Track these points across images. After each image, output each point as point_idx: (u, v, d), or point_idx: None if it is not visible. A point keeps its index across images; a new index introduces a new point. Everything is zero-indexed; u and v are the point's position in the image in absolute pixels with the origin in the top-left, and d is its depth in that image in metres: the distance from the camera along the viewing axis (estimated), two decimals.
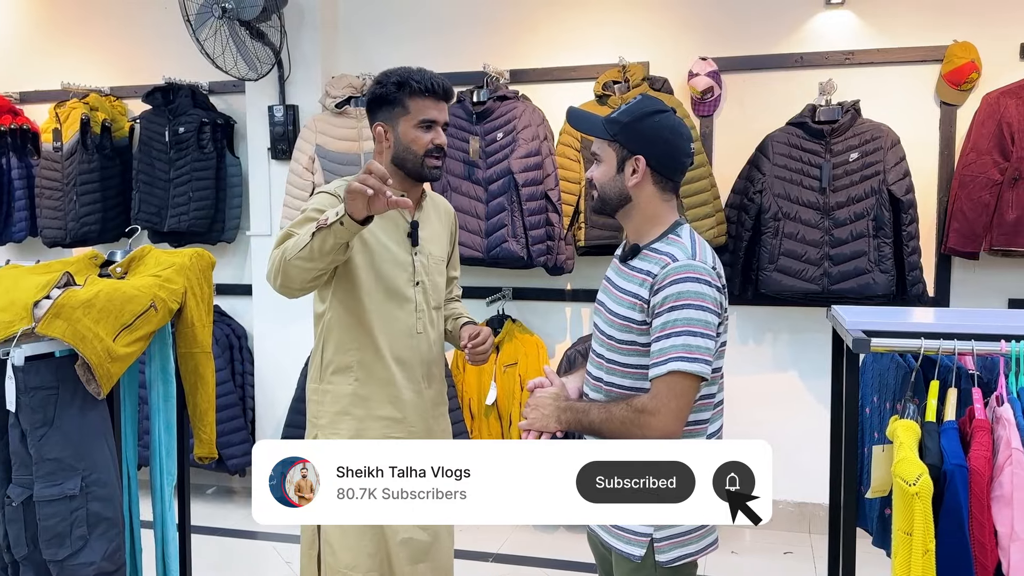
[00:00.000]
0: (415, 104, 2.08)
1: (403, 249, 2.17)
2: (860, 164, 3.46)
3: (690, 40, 3.85)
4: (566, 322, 4.10)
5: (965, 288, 3.64)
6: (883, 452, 1.66)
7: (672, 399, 1.63)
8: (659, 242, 1.76)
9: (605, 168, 1.80)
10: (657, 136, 1.75)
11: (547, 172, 3.69)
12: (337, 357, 2.16)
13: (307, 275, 1.93)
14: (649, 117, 1.76)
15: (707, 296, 1.66)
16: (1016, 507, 1.45)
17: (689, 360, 1.63)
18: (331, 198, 2.09)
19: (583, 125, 1.87)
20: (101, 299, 2.10)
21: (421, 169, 2.12)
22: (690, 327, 1.63)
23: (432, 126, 2.10)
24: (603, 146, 1.80)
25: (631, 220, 1.81)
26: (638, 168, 1.74)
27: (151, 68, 4.41)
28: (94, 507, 2.08)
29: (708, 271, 1.68)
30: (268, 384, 4.26)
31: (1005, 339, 1.56)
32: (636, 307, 1.72)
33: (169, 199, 4.21)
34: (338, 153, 3.91)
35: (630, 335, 1.73)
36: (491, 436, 3.96)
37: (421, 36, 4.16)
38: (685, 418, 1.67)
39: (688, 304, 1.64)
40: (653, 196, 1.77)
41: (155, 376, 2.44)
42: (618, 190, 1.78)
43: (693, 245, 1.73)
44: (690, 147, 1.79)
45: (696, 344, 1.63)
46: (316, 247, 1.86)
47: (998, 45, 3.52)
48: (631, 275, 1.76)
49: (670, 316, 1.65)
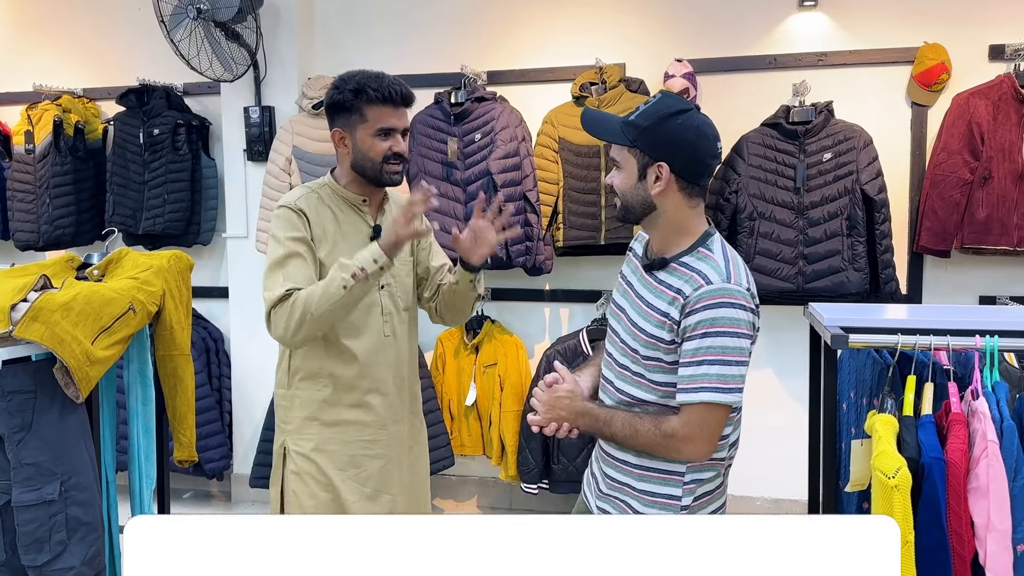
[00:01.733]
0: (372, 112, 2.06)
1: None
2: (833, 164, 3.50)
3: (665, 42, 3.88)
4: (545, 322, 4.12)
5: (937, 286, 3.70)
6: (861, 446, 1.69)
7: (705, 428, 1.61)
8: (689, 256, 1.68)
9: (626, 175, 1.69)
10: (681, 140, 1.63)
11: (525, 173, 3.70)
12: (305, 364, 2.15)
13: (338, 320, 2.02)
14: (671, 119, 1.63)
15: (742, 322, 1.60)
16: (992, 498, 1.48)
17: (724, 391, 1.58)
18: (295, 216, 2.08)
19: (599, 130, 1.74)
20: (79, 302, 2.08)
21: (380, 176, 2.11)
22: (725, 356, 1.58)
23: (391, 133, 2.08)
24: (622, 151, 1.70)
25: (657, 229, 1.72)
26: (661, 175, 1.64)
27: (125, 69, 4.36)
28: (73, 512, 2.07)
29: (743, 294, 1.62)
30: (246, 387, 4.23)
31: (979, 334, 1.59)
32: (665, 326, 1.65)
33: (144, 201, 4.17)
34: (316, 155, 3.89)
35: (656, 352, 1.67)
36: (471, 437, 3.97)
37: (398, 37, 4.16)
38: (715, 444, 1.65)
39: (723, 332, 1.58)
40: (680, 204, 1.68)
41: (133, 379, 2.42)
42: (641, 199, 1.68)
43: (727, 263, 1.65)
44: (717, 147, 1.67)
45: (730, 373, 1.58)
46: (357, 295, 1.96)
47: (967, 47, 3.58)
48: (659, 290, 1.68)
49: (703, 343, 1.58)
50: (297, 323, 1.97)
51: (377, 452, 2.17)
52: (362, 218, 2.18)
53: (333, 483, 2.12)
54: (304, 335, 1.99)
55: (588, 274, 3.99)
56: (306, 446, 2.13)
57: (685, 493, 1.70)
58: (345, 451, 2.13)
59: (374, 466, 2.16)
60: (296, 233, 2.05)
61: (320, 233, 2.10)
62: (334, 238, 2.11)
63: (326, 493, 2.12)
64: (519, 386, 3.87)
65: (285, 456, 2.16)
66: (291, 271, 2.02)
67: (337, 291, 1.93)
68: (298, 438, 2.14)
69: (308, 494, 2.11)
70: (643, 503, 1.73)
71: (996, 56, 3.56)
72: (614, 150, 1.74)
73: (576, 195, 3.72)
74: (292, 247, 2.04)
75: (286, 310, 1.97)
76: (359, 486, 2.14)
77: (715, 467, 1.73)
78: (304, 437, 2.14)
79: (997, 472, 1.48)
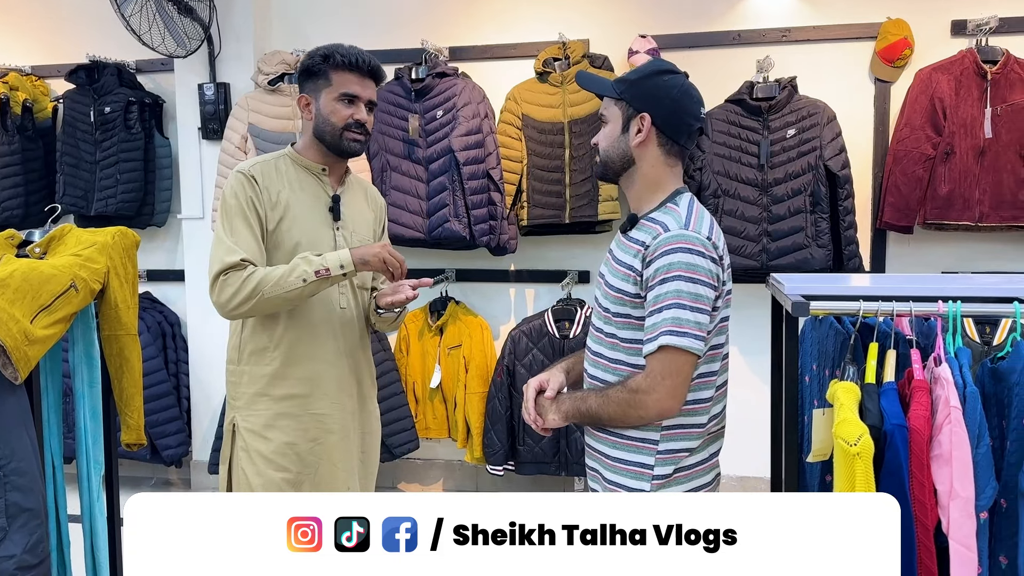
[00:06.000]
0: (338, 77, 2.08)
1: (324, 223, 2.13)
2: (797, 140, 3.48)
3: (629, 18, 3.83)
4: (510, 303, 4.06)
5: (900, 262, 3.70)
6: (823, 415, 1.66)
7: (666, 376, 1.58)
8: (656, 211, 1.71)
9: (610, 128, 1.75)
10: (664, 94, 1.69)
11: (489, 150, 3.63)
12: (255, 337, 2.11)
13: (282, 309, 2.03)
14: (658, 76, 1.71)
15: (699, 268, 1.59)
16: (955, 465, 1.46)
17: (678, 334, 1.56)
18: (246, 181, 2.06)
19: (592, 85, 1.83)
20: (16, 279, 1.99)
21: (340, 142, 2.09)
22: (680, 299, 1.57)
23: (354, 100, 2.09)
24: (610, 105, 1.76)
25: (633, 186, 1.76)
26: (643, 127, 1.70)
27: (74, 46, 4.23)
28: (13, 497, 1.98)
29: (701, 241, 1.61)
30: (204, 372, 4.14)
31: (943, 300, 1.57)
32: (629, 279, 1.66)
33: (95, 182, 4.05)
34: (273, 132, 3.79)
35: (623, 307, 1.68)
36: (436, 420, 3.91)
37: (357, 10, 4.07)
38: (682, 396, 1.61)
39: (678, 276, 1.58)
40: (657, 160, 1.72)
41: (79, 361, 2.33)
42: (621, 151, 1.73)
43: (689, 214, 1.66)
44: (700, 111, 1.74)
45: (685, 318, 1.57)
46: (311, 290, 1.98)
47: (929, 22, 3.58)
48: (628, 246, 1.71)
49: (660, 290, 1.59)
50: (245, 297, 1.96)
51: (329, 427, 2.11)
52: (322, 188, 2.15)
53: (281, 462, 2.06)
54: (246, 311, 2.00)
55: (553, 254, 3.94)
56: (256, 422, 2.07)
57: (658, 462, 1.66)
58: (296, 426, 2.07)
59: (329, 440, 2.11)
60: (245, 198, 2.04)
61: (271, 200, 2.07)
62: (287, 205, 2.08)
63: (277, 473, 2.05)
64: (484, 368, 3.81)
65: (235, 433, 2.10)
66: (240, 239, 2.02)
67: (295, 282, 1.95)
68: (248, 414, 2.08)
69: (255, 472, 2.05)
70: (614, 471, 1.70)
71: (958, 32, 3.56)
72: (603, 106, 1.79)
73: (541, 173, 3.67)
74: (241, 212, 2.04)
75: (237, 281, 1.96)
76: (315, 460, 2.10)
77: (692, 436, 1.68)
78: (254, 413, 2.08)
79: (960, 439, 1.45)
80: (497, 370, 3.74)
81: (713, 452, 1.76)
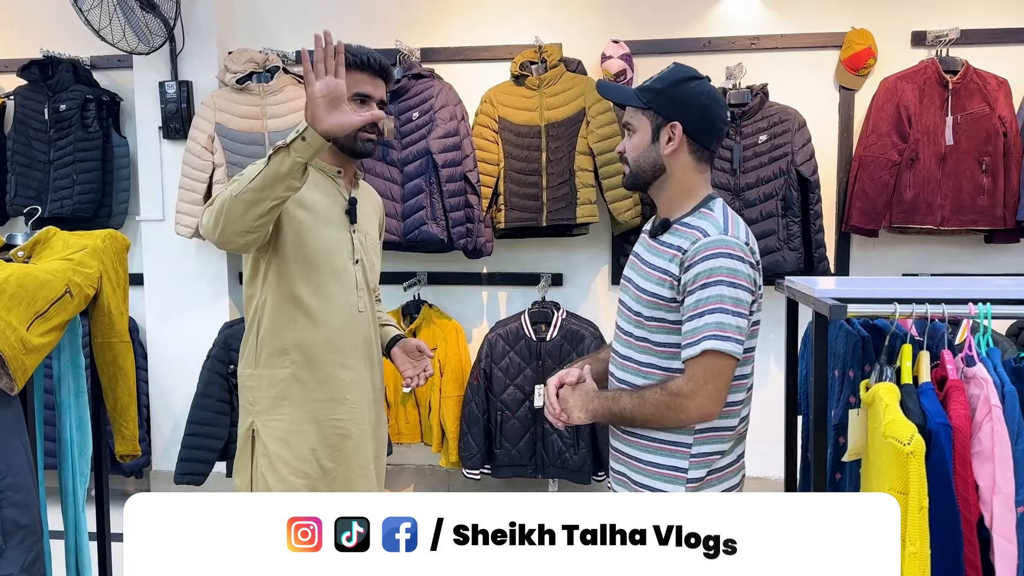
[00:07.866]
0: (349, 77, 1.99)
1: (341, 226, 2.10)
2: (769, 146, 3.56)
3: (602, 23, 3.86)
4: (483, 306, 4.05)
5: (864, 264, 3.82)
6: (858, 415, 1.70)
7: (709, 381, 1.59)
8: (690, 216, 1.71)
9: (639, 138, 1.74)
10: (694, 101, 1.70)
11: (465, 153, 3.61)
12: (273, 340, 2.05)
13: (258, 209, 1.77)
14: (685, 83, 1.71)
15: (740, 273, 1.61)
16: (997, 461, 1.52)
17: (722, 339, 1.58)
18: None
19: (614, 95, 1.84)
20: (12, 284, 1.89)
21: (354, 143, 2.05)
22: (722, 304, 1.59)
23: (366, 101, 2.04)
24: (636, 115, 1.75)
25: (664, 192, 1.76)
26: (674, 135, 1.70)
27: (27, 41, 4.03)
28: (9, 514, 1.88)
29: (741, 246, 1.64)
30: (164, 380, 4.01)
31: (972, 302, 1.63)
32: (665, 283, 1.67)
33: (50, 182, 3.87)
34: (241, 132, 3.69)
35: (658, 312, 1.68)
36: (408, 424, 3.86)
37: (324, 9, 3.99)
38: (723, 400, 1.63)
39: (720, 281, 1.59)
40: (688, 167, 1.73)
41: (65, 369, 2.23)
42: (652, 160, 1.73)
43: (726, 219, 1.68)
44: (726, 114, 1.75)
45: (728, 322, 1.59)
46: (272, 171, 1.73)
47: (891, 32, 3.70)
48: (661, 250, 1.71)
49: (702, 294, 1.60)
50: (219, 210, 1.81)
51: (348, 432, 2.08)
52: (337, 190, 2.11)
53: (303, 468, 2.01)
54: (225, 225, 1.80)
55: (528, 256, 3.94)
56: (279, 427, 2.02)
57: (692, 465, 1.68)
58: (318, 431, 2.03)
59: (347, 446, 2.08)
60: None
61: (305, 196, 2.00)
62: (310, 205, 2.03)
63: (298, 479, 2.00)
64: (459, 371, 3.79)
65: (254, 439, 2.04)
66: None
67: (260, 164, 1.78)
68: (268, 419, 2.02)
69: (277, 479, 1.99)
70: (647, 475, 1.71)
71: (918, 42, 3.69)
72: (627, 115, 1.78)
73: (517, 176, 3.66)
74: None
75: (220, 200, 1.82)
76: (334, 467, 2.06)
77: (724, 439, 1.70)
78: (275, 417, 2.02)
79: (1001, 436, 1.51)
80: (473, 373, 3.72)
81: (740, 454, 1.79)
